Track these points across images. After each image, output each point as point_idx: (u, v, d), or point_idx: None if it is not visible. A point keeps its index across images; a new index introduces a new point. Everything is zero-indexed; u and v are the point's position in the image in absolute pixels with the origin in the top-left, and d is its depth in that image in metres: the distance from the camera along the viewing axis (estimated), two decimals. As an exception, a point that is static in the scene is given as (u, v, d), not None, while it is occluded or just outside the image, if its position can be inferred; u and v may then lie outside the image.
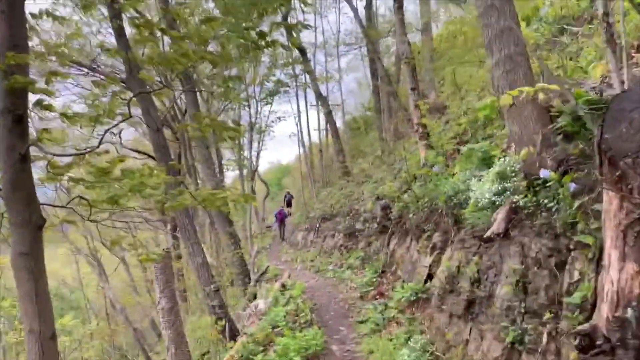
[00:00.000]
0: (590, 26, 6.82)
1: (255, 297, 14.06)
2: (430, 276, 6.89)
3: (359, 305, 7.75)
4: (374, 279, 8.70)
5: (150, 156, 28.91)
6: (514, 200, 4.38)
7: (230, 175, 34.54)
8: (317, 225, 17.95)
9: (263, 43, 4.48)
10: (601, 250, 2.96)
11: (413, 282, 7.46)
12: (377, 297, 7.86)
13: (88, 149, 4.68)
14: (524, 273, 4.04)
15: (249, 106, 24.60)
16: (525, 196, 4.27)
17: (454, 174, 6.69)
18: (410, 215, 8.32)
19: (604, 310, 2.52)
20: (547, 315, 3.64)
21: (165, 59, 4.12)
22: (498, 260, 4.49)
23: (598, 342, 2.51)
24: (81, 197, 4.43)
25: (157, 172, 4.50)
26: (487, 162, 5.64)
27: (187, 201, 4.69)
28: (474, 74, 12.95)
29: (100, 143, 4.45)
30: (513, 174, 4.63)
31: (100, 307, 28.38)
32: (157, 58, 4.21)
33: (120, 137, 29.09)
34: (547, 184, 4.01)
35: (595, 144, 2.43)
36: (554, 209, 3.86)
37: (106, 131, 4.78)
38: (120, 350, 23.75)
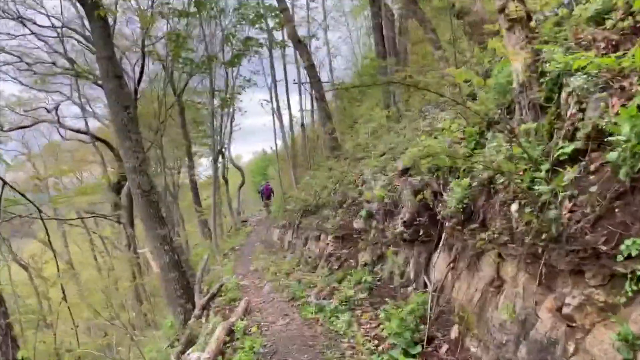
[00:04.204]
0: None
1: (196, 339, 8.84)
2: None
3: None
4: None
5: (101, 140, 23.19)
6: None
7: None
8: (297, 222, 12.75)
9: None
10: None
11: None
12: None
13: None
14: None
15: (210, 69, 19.06)
16: None
17: None
18: (515, 207, 3.11)
19: None
20: None
21: None
22: None
23: None
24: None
25: None
26: None
27: None
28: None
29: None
30: None
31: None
32: None
33: (57, 114, 23.33)
34: None
35: None
36: None
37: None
38: None
